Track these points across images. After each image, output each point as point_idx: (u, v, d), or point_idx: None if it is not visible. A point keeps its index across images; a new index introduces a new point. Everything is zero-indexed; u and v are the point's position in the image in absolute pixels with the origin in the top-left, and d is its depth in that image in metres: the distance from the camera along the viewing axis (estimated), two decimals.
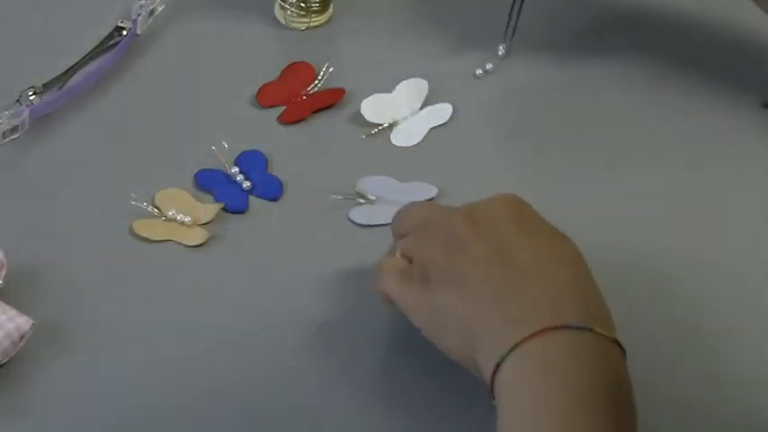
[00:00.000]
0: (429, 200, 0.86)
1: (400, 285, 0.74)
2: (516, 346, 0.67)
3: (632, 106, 0.93)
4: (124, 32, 0.96)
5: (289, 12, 0.98)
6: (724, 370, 0.77)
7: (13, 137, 0.89)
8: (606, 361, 0.67)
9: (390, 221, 0.80)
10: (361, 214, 0.85)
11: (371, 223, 0.84)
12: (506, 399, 0.67)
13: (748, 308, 0.81)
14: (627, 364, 0.68)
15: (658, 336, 0.79)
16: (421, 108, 0.93)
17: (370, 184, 0.87)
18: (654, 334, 0.79)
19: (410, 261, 0.75)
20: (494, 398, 0.67)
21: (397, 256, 0.76)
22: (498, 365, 0.67)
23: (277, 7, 0.99)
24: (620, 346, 0.68)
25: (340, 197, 0.86)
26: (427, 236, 0.74)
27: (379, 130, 0.91)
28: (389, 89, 0.93)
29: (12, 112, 0.89)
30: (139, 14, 0.96)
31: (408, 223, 0.77)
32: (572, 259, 0.72)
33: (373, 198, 0.86)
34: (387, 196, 0.86)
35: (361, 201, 0.86)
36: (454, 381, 0.74)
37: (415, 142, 0.91)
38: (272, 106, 0.93)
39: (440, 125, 0.92)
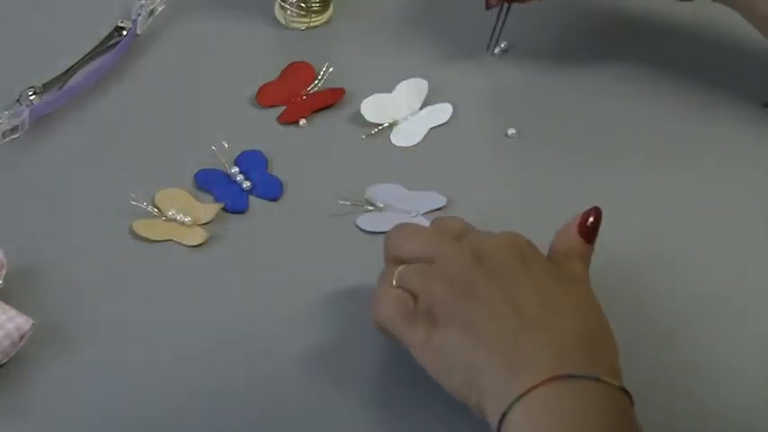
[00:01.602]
0: (438, 210, 0.86)
1: (405, 323, 0.73)
2: (523, 395, 0.66)
3: (632, 106, 0.93)
4: (124, 32, 0.96)
5: (289, 12, 0.98)
6: (725, 374, 0.77)
7: (13, 137, 0.89)
8: (614, 410, 0.67)
9: None
10: (368, 221, 0.85)
11: (378, 230, 0.84)
12: None
13: (749, 312, 0.81)
14: (635, 411, 0.68)
15: (659, 341, 0.79)
16: (421, 108, 0.93)
17: (379, 192, 0.87)
18: (656, 339, 0.79)
19: (410, 293, 0.74)
20: None
21: (393, 283, 0.75)
22: (505, 414, 0.67)
23: (277, 7, 0.99)
24: (627, 393, 0.68)
25: (348, 203, 0.85)
26: (434, 274, 0.73)
27: (379, 130, 0.91)
28: (389, 89, 0.93)
29: (12, 112, 0.89)
30: (139, 14, 0.96)
31: (407, 251, 0.76)
32: (580, 305, 0.71)
33: (382, 206, 0.86)
34: (395, 204, 0.86)
35: (370, 208, 0.86)
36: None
37: (415, 142, 0.91)
38: (272, 106, 0.93)
39: (440, 125, 0.92)
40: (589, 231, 0.75)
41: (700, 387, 0.77)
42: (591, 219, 0.75)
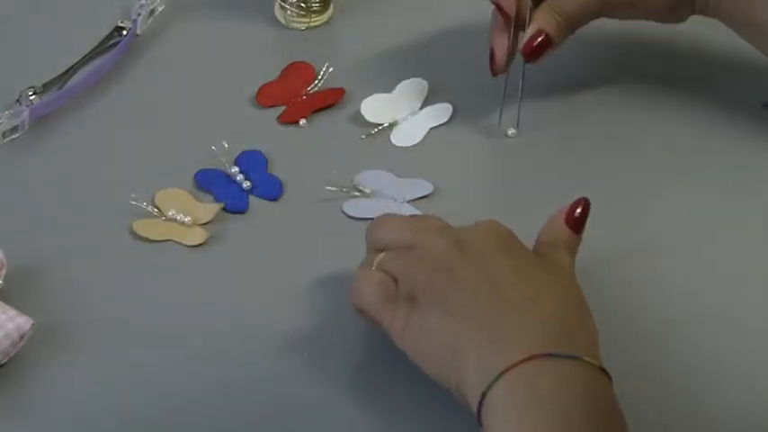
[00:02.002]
0: (424, 197, 0.86)
1: (386, 307, 0.73)
2: (503, 373, 0.67)
3: (632, 106, 0.93)
4: (124, 32, 0.96)
5: (289, 12, 0.98)
6: (718, 373, 0.77)
7: (13, 137, 0.89)
8: (594, 389, 0.67)
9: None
10: (354, 207, 0.85)
11: (363, 216, 0.84)
12: (495, 426, 0.67)
13: (743, 311, 0.81)
14: (614, 391, 0.68)
15: (653, 340, 0.79)
16: (421, 108, 0.93)
17: (368, 178, 0.87)
18: (650, 337, 0.79)
19: (390, 277, 0.74)
20: (481, 424, 0.67)
21: (374, 269, 0.75)
22: (485, 393, 0.67)
23: (277, 7, 0.99)
24: (607, 374, 0.68)
25: (335, 189, 0.86)
26: (414, 258, 0.73)
27: (379, 129, 0.91)
28: (389, 89, 0.93)
29: (12, 112, 0.89)
30: (139, 14, 0.96)
31: (388, 240, 0.76)
32: (563, 292, 0.72)
33: (368, 191, 0.86)
34: (383, 190, 0.86)
35: (356, 194, 0.86)
36: None
37: (415, 142, 0.91)
38: (272, 106, 0.93)
39: (440, 125, 0.92)
40: (577, 222, 0.75)
41: (692, 385, 0.76)
42: (579, 209, 0.75)
